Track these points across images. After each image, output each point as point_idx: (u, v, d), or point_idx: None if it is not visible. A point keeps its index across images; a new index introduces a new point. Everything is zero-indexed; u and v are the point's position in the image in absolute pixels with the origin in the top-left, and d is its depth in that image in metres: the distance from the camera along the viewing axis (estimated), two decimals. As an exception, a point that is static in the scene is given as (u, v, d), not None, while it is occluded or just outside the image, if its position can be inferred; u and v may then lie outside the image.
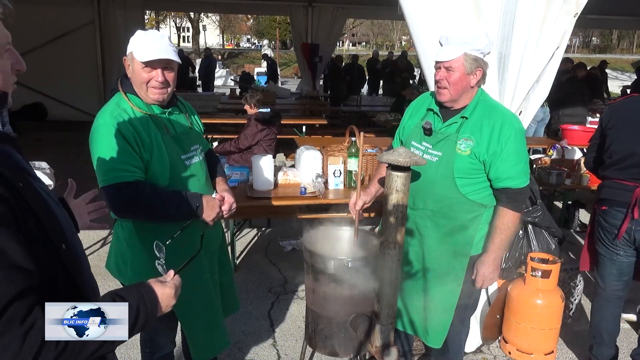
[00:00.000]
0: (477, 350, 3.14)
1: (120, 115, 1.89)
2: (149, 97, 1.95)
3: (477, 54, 2.04)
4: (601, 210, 2.75)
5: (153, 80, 1.90)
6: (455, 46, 2.03)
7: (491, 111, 2.12)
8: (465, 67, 2.04)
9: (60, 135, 9.75)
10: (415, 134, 2.27)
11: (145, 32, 1.92)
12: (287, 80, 22.15)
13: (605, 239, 2.74)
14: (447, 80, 2.07)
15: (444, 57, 2.05)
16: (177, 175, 2.00)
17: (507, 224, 2.15)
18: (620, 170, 2.63)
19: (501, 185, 2.12)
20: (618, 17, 12.73)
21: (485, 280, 2.22)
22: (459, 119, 2.13)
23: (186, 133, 2.09)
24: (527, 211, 2.97)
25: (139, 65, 1.88)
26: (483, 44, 2.04)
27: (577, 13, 2.72)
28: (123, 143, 1.85)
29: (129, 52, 1.90)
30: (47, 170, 3.91)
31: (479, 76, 2.09)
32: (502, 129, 2.06)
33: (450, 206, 2.16)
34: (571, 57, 9.88)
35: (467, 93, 2.12)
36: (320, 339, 2.18)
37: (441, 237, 2.22)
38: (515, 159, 2.09)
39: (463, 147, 2.09)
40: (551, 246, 3.07)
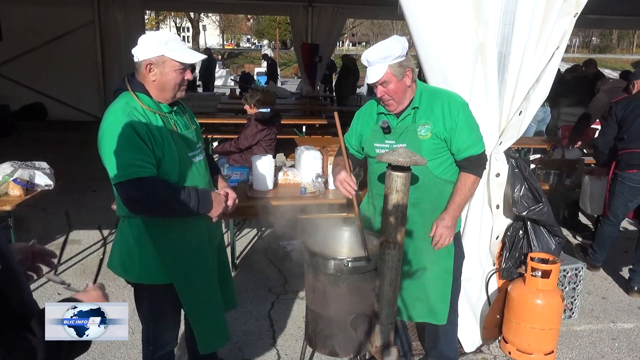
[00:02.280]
0: (477, 350, 3.14)
1: (132, 112, 1.92)
2: (177, 97, 2.05)
3: (399, 60, 2.21)
4: (629, 173, 3.80)
5: (184, 80, 2.01)
6: (378, 65, 2.21)
7: (435, 95, 2.35)
8: (396, 75, 2.22)
9: (60, 135, 9.75)
10: (375, 136, 2.41)
11: (172, 35, 2.01)
12: (287, 80, 22.14)
13: (628, 192, 3.85)
14: (387, 94, 2.26)
15: (374, 79, 2.23)
16: (185, 172, 2.04)
17: (468, 186, 2.35)
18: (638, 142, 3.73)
19: (464, 155, 2.32)
20: (618, 17, 12.72)
21: (442, 236, 2.34)
22: (411, 110, 2.33)
23: (191, 131, 2.15)
24: (531, 209, 2.97)
25: (173, 66, 1.96)
26: (399, 49, 2.20)
27: (577, 13, 2.72)
28: (137, 139, 1.88)
29: (158, 56, 1.94)
30: (47, 170, 3.91)
31: (411, 75, 2.27)
32: (450, 105, 2.28)
33: (427, 190, 2.34)
34: (571, 57, 9.86)
35: (407, 94, 2.31)
36: (320, 339, 2.18)
37: (426, 221, 2.37)
38: (469, 129, 2.30)
39: (423, 132, 2.28)
40: (551, 246, 3.07)
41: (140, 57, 1.97)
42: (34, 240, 1.43)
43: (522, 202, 2.95)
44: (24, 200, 3.52)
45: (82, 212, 5.37)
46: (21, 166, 3.75)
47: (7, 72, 10.51)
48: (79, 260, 4.26)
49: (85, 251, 4.46)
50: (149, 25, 32.05)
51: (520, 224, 3.09)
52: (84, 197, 5.74)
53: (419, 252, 2.41)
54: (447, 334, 2.68)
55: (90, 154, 1.94)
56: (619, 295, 3.97)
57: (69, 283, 1.40)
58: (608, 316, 3.65)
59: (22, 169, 3.69)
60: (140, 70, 1.99)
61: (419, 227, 2.38)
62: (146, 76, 1.99)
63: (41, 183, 3.77)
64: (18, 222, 3.77)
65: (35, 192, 3.70)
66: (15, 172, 3.62)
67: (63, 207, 5.37)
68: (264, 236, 5.01)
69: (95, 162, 2.20)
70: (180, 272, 2.13)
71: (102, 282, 1.28)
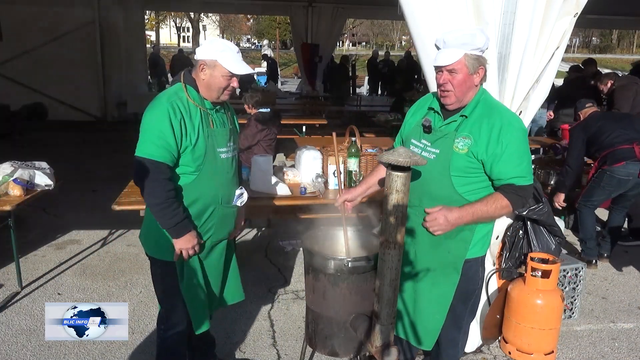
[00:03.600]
0: (477, 350, 3.14)
1: (175, 102, 2.13)
2: (220, 98, 2.24)
3: (477, 52, 2.03)
4: (618, 166, 4.11)
5: (230, 86, 2.21)
6: (455, 49, 2.01)
7: (491, 111, 2.09)
8: (468, 67, 2.03)
9: (60, 135, 9.75)
10: (415, 132, 2.26)
11: (230, 45, 2.21)
12: (287, 81, 22.13)
13: (616, 184, 4.18)
14: (452, 82, 2.04)
15: (445, 61, 2.02)
16: (210, 164, 2.23)
17: (496, 204, 2.08)
18: (618, 142, 4.12)
19: (503, 182, 2.09)
20: (618, 17, 12.73)
21: (435, 221, 2.07)
22: (459, 117, 2.11)
23: (226, 130, 2.34)
24: (531, 208, 2.96)
25: (222, 72, 2.16)
26: (481, 41, 2.02)
27: (577, 13, 2.72)
28: (167, 127, 2.08)
29: (212, 59, 2.15)
30: (47, 170, 3.91)
31: (482, 74, 2.08)
32: (502, 129, 2.03)
33: (446, 204, 2.10)
34: (572, 57, 9.87)
35: (470, 92, 2.10)
36: (320, 339, 2.18)
37: (436, 236, 2.14)
38: (517, 160, 2.06)
39: (461, 145, 2.07)
40: (551, 246, 3.07)
41: (198, 56, 2.19)
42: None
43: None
44: (24, 200, 3.51)
45: (82, 212, 5.38)
46: (21, 166, 3.75)
47: (7, 72, 10.51)
48: (79, 261, 4.26)
49: (85, 251, 4.46)
50: (149, 26, 32.06)
51: (520, 224, 3.09)
52: (84, 197, 5.74)
53: (419, 271, 2.24)
54: (449, 353, 2.47)
55: (91, 154, 1.96)
56: (619, 295, 3.97)
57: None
58: (608, 316, 3.65)
59: (22, 169, 3.69)
60: (196, 68, 2.22)
61: (426, 241, 2.20)
62: (199, 74, 2.20)
63: (41, 183, 3.77)
64: (18, 222, 3.77)
65: (35, 192, 3.70)
66: (15, 172, 3.61)
67: (63, 207, 5.38)
68: (264, 236, 5.01)
69: (95, 162, 2.21)
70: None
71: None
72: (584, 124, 4.35)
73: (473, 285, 2.30)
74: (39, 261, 4.23)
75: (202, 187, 2.23)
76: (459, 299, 2.25)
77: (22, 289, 3.71)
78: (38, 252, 4.42)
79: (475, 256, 2.23)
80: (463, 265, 2.20)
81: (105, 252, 4.46)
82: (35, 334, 3.10)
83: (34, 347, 3.00)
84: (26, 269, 4.02)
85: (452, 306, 2.25)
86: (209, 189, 2.25)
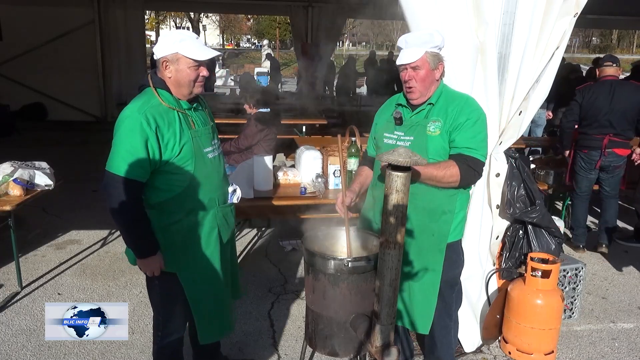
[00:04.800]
0: (477, 350, 3.14)
1: (148, 111, 1.99)
2: (194, 92, 2.10)
3: (436, 50, 2.23)
4: (584, 153, 4.53)
5: (200, 76, 2.06)
6: (416, 47, 2.21)
7: (454, 96, 2.32)
8: (430, 63, 2.23)
9: (60, 135, 9.75)
10: (387, 127, 2.41)
11: (188, 33, 2.07)
12: (287, 81, 22.12)
13: (585, 168, 4.56)
14: (415, 78, 2.24)
15: (409, 59, 2.21)
16: (200, 167, 2.13)
17: (445, 171, 2.19)
18: (594, 128, 4.42)
19: (457, 150, 2.23)
20: (618, 17, 12.72)
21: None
22: (426, 105, 2.31)
23: (208, 128, 2.24)
24: (525, 211, 2.97)
25: (187, 63, 2.02)
26: (439, 40, 2.23)
27: (577, 13, 2.72)
28: (138, 141, 1.96)
29: (173, 53, 2.01)
30: (47, 170, 3.91)
31: (442, 69, 2.28)
32: (464, 105, 2.25)
33: (426, 187, 2.26)
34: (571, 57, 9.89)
35: (432, 87, 2.29)
36: (320, 339, 2.18)
37: (420, 221, 2.32)
38: (472, 133, 2.22)
39: (432, 129, 2.25)
40: (551, 246, 3.07)
41: (158, 54, 2.05)
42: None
43: (516, 204, 2.97)
44: (24, 200, 3.52)
45: (82, 212, 5.38)
46: (21, 166, 3.75)
47: (7, 72, 10.51)
48: (79, 261, 4.26)
49: (85, 251, 4.46)
50: (149, 26, 32.05)
51: (520, 224, 3.09)
52: (84, 197, 5.74)
53: (413, 251, 2.36)
54: (443, 341, 2.59)
55: (90, 154, 1.97)
56: (619, 295, 3.97)
57: None
58: (608, 316, 3.65)
59: (22, 169, 3.69)
60: (159, 67, 2.07)
61: (412, 224, 2.32)
62: (164, 73, 2.06)
63: (41, 183, 3.77)
64: (18, 222, 3.78)
65: (35, 192, 3.70)
66: (15, 172, 3.61)
67: (63, 207, 5.39)
68: (264, 236, 5.01)
69: (95, 162, 2.21)
70: (184, 262, 2.19)
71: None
72: (587, 89, 4.49)
73: (456, 268, 2.50)
74: (39, 261, 4.23)
75: (198, 193, 2.14)
76: (445, 283, 2.43)
77: (22, 288, 3.71)
78: (38, 252, 4.42)
79: (455, 239, 2.42)
80: (446, 248, 2.37)
81: (105, 252, 4.46)
82: (35, 334, 3.10)
83: (34, 347, 3.00)
84: (26, 268, 4.02)
85: (441, 292, 2.42)
86: (205, 192, 2.16)
